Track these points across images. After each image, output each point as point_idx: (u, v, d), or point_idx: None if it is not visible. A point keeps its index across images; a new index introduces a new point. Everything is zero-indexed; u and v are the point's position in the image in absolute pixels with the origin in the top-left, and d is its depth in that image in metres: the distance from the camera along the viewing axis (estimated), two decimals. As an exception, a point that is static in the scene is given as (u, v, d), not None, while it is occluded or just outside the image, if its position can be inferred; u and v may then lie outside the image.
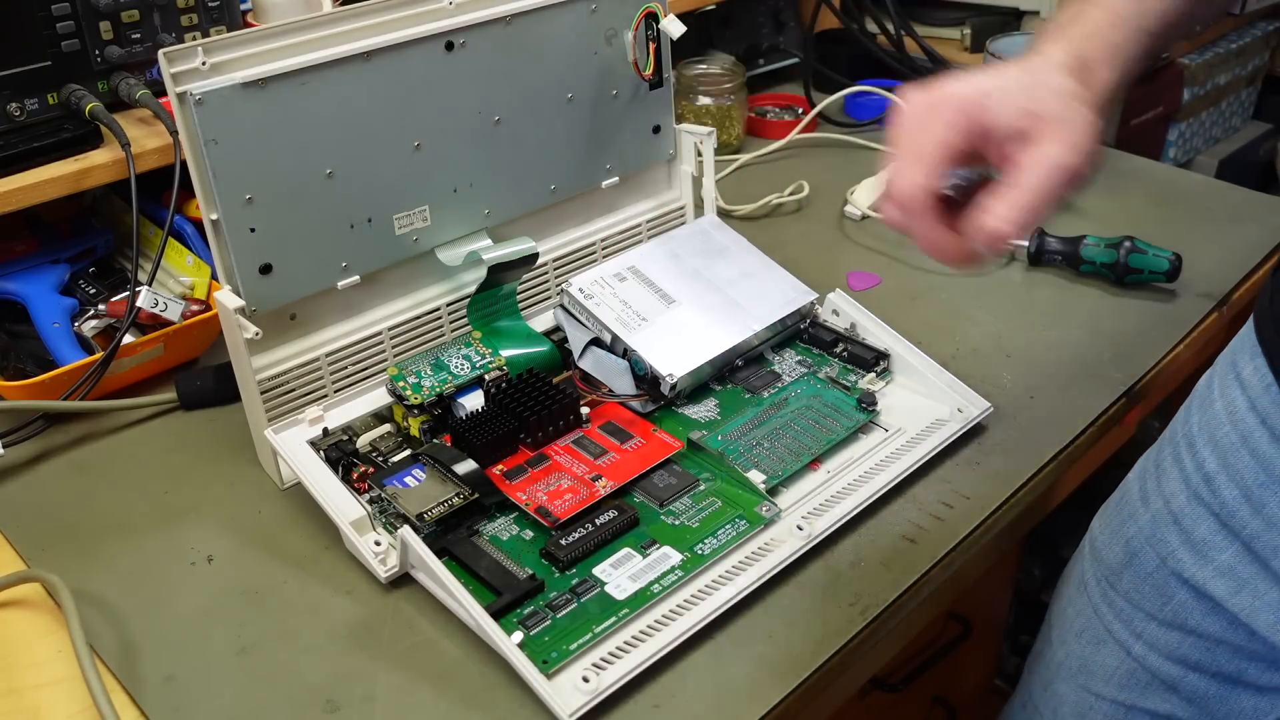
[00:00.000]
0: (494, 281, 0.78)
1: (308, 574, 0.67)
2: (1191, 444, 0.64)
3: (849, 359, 0.81)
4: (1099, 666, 0.69)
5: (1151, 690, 0.67)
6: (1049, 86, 0.52)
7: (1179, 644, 0.65)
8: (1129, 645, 0.68)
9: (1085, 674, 0.71)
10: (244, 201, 0.67)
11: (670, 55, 0.85)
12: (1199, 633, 0.64)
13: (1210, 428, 0.63)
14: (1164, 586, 0.65)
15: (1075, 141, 0.51)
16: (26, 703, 0.60)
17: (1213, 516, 0.62)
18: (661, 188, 0.91)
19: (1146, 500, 0.67)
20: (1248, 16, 1.59)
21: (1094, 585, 0.71)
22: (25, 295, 0.84)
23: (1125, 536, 0.68)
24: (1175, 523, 0.65)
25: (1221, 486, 0.62)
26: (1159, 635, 0.66)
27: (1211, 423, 0.63)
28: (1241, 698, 0.65)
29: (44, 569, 0.66)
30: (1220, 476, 0.62)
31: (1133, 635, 0.67)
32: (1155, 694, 0.67)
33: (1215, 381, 0.65)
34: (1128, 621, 0.68)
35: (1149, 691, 0.67)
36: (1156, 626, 0.66)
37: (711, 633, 0.62)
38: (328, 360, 0.74)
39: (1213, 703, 0.65)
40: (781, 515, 0.68)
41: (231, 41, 0.65)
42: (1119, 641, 0.68)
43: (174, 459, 0.77)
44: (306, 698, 0.59)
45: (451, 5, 0.73)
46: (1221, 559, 0.62)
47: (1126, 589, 0.67)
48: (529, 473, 0.70)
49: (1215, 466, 0.62)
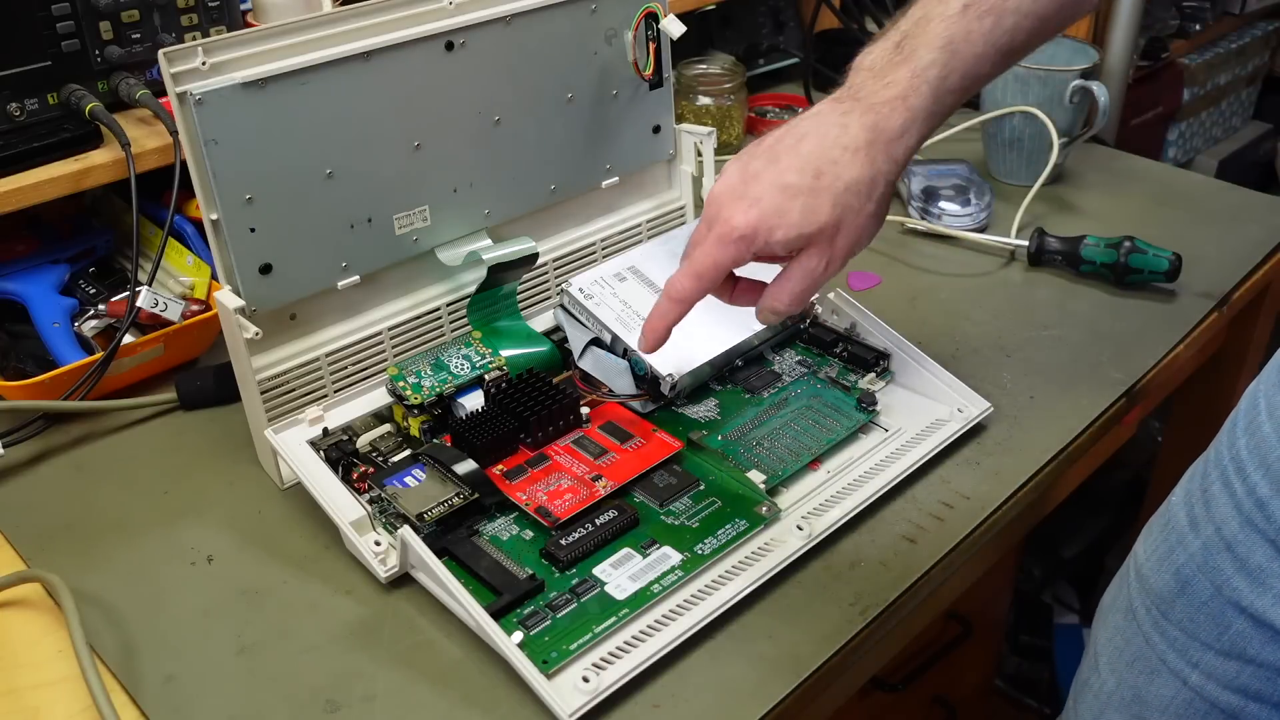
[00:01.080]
0: (494, 281, 0.78)
1: (308, 574, 0.67)
2: (1241, 468, 0.62)
3: (849, 359, 0.81)
4: (1154, 697, 0.67)
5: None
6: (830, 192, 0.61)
7: (1238, 673, 0.63)
8: (1185, 675, 0.65)
9: (1139, 704, 0.68)
10: (244, 201, 0.67)
11: (670, 55, 0.85)
12: (1259, 662, 0.62)
13: (1261, 451, 0.61)
14: (1220, 615, 0.63)
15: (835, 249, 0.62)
16: (26, 703, 0.60)
17: (1268, 543, 0.60)
18: (661, 188, 0.91)
19: (1196, 527, 0.65)
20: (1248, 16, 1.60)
21: (1144, 614, 0.68)
22: (25, 295, 0.84)
23: (1175, 565, 0.66)
24: (1228, 549, 0.62)
25: (1276, 511, 0.59)
26: (1216, 665, 0.64)
27: (1262, 446, 0.61)
28: None
29: (44, 569, 0.66)
30: (1274, 501, 0.60)
31: (1189, 665, 0.65)
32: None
33: (1262, 402, 0.63)
34: (1183, 651, 0.65)
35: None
36: (1214, 656, 0.64)
37: (711, 633, 0.62)
38: (328, 360, 0.74)
39: None
40: (781, 515, 0.68)
41: (231, 41, 0.65)
42: (1174, 671, 0.66)
43: (174, 459, 0.77)
44: (306, 698, 0.59)
45: (451, 5, 0.73)
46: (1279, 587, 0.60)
47: (1180, 618, 0.65)
48: (529, 473, 0.70)
49: (1268, 491, 0.60)
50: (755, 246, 0.62)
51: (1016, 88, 1.05)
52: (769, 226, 0.61)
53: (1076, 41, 1.11)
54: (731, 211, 0.62)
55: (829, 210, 0.61)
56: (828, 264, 0.62)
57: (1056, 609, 1.65)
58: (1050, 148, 1.03)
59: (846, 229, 0.62)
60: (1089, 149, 1.15)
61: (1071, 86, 1.03)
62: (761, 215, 0.61)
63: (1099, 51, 1.08)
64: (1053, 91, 1.04)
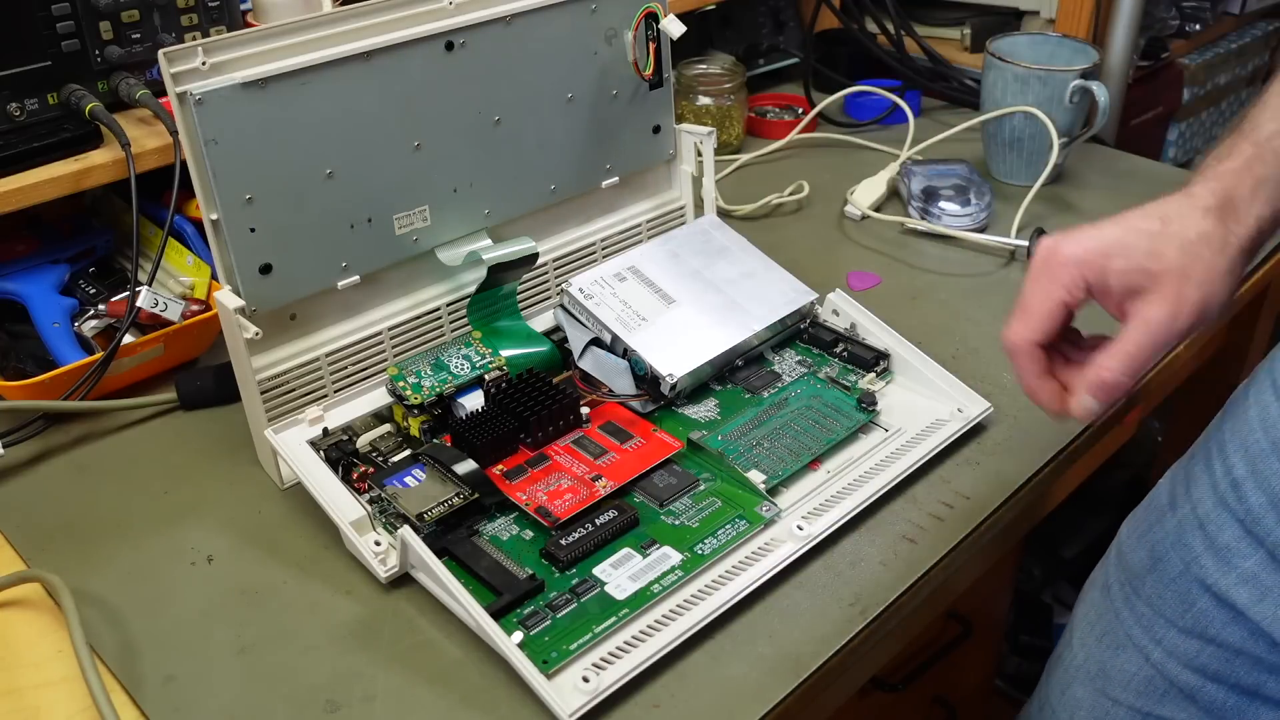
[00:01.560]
0: (494, 281, 0.78)
1: (308, 574, 0.67)
2: (1222, 450, 0.64)
3: (849, 359, 0.81)
4: (1117, 671, 0.69)
5: (1169, 699, 0.66)
6: (1179, 238, 0.55)
7: (1198, 653, 0.64)
8: (1148, 651, 0.67)
9: (1103, 679, 0.70)
10: (244, 201, 0.67)
11: (670, 55, 0.85)
12: (1218, 642, 0.63)
13: (1241, 434, 0.63)
14: (1186, 593, 0.65)
15: (1182, 298, 0.54)
16: (26, 703, 0.60)
17: (1238, 523, 0.62)
18: (661, 188, 0.91)
19: (1175, 505, 0.67)
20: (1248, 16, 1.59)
21: (1117, 589, 0.70)
22: (25, 295, 0.84)
23: (1151, 541, 0.68)
24: (1200, 528, 0.64)
25: (1249, 493, 0.61)
26: (1179, 643, 0.65)
27: (1243, 429, 0.63)
28: (1260, 711, 0.63)
29: (44, 569, 0.66)
30: (1248, 483, 0.61)
31: (1153, 641, 0.67)
32: (1172, 703, 0.66)
33: (1250, 391, 0.64)
34: (1148, 627, 0.67)
35: (1166, 700, 0.67)
36: (1177, 634, 0.65)
37: (711, 633, 0.62)
38: (328, 360, 0.74)
39: (1229, 715, 0.64)
40: (781, 515, 0.68)
41: (231, 41, 0.65)
42: (1138, 647, 0.68)
43: (174, 459, 0.77)
44: (306, 698, 0.59)
45: (451, 5, 0.73)
46: (1245, 566, 0.61)
47: (1149, 594, 0.67)
48: (529, 473, 0.70)
49: (1244, 472, 0.62)
50: (1089, 277, 0.56)
51: (1016, 88, 1.05)
52: (1106, 254, 0.56)
53: (1076, 41, 1.11)
54: (1065, 243, 0.57)
55: (1176, 254, 0.55)
56: (1173, 315, 0.55)
57: (1056, 609, 1.65)
58: (1050, 148, 1.03)
59: (1197, 278, 0.55)
60: (1089, 149, 1.15)
61: (1071, 86, 1.03)
62: (1100, 243, 0.56)
63: (1099, 51, 1.08)
64: (1053, 91, 1.04)
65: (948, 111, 1.25)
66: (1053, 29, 1.23)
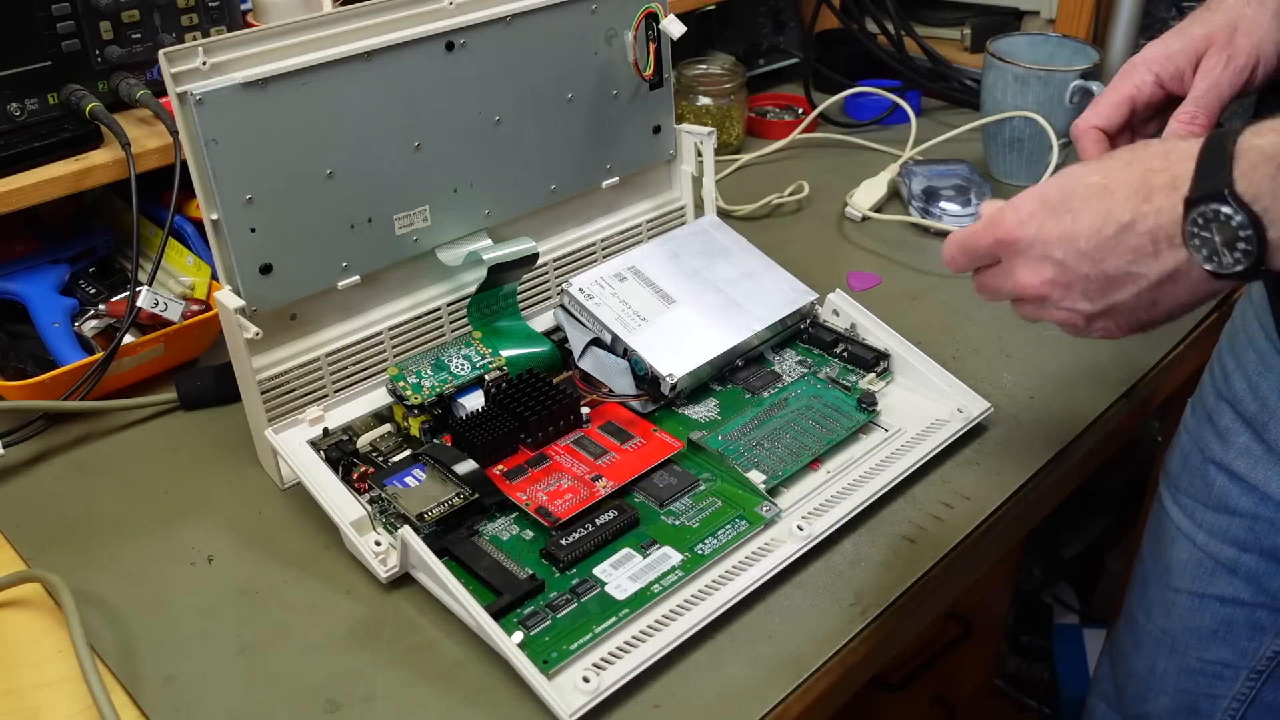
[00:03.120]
0: (494, 281, 0.78)
1: (308, 574, 0.67)
2: (1219, 354, 0.76)
3: (849, 359, 0.81)
4: (1175, 562, 0.77)
5: (1217, 576, 0.74)
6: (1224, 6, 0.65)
7: (1227, 526, 0.72)
8: (1193, 536, 0.75)
9: (1166, 573, 0.78)
10: (244, 201, 0.67)
11: (670, 55, 0.85)
12: (1238, 511, 0.72)
13: (1230, 336, 0.74)
14: (1206, 475, 0.73)
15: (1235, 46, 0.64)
16: (26, 703, 0.60)
17: (1230, 407, 0.72)
18: (661, 188, 0.91)
19: (1194, 411, 0.77)
20: (1248, 17, 1.59)
21: (1165, 494, 0.79)
22: (25, 295, 0.84)
23: (1180, 445, 0.78)
24: (1208, 419, 0.74)
25: (1235, 380, 0.72)
26: (1212, 521, 0.74)
27: (1230, 332, 0.75)
28: None
29: (44, 569, 0.66)
30: (1235, 374, 0.72)
31: (1195, 525, 0.75)
32: (1220, 580, 0.74)
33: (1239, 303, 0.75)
34: (1190, 514, 0.75)
35: (1215, 578, 0.74)
36: (1209, 512, 0.74)
37: (711, 633, 0.62)
38: (328, 360, 0.74)
39: (1264, 580, 0.72)
40: (781, 515, 0.68)
41: (231, 41, 0.65)
42: (1186, 535, 0.76)
43: (174, 459, 0.77)
44: (306, 698, 0.59)
45: (451, 5, 0.73)
46: (1239, 441, 0.71)
47: (1185, 487, 0.76)
48: (529, 473, 0.70)
49: (1231, 365, 0.72)
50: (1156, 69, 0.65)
51: (1016, 88, 1.05)
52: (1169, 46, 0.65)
53: (1076, 42, 1.11)
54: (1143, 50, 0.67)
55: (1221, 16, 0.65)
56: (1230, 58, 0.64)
57: (1056, 609, 1.65)
58: (1050, 148, 1.03)
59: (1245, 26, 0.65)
60: (1089, 149, 1.15)
61: (1071, 87, 1.03)
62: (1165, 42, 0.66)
63: (1099, 51, 1.08)
64: (1053, 92, 1.04)
65: (948, 112, 1.25)
66: (1053, 29, 1.23)
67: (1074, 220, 0.53)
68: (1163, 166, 0.51)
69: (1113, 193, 0.52)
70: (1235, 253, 0.48)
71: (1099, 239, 0.52)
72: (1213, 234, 0.48)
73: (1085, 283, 0.54)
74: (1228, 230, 0.48)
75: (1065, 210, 0.54)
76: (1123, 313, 0.54)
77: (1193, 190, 0.49)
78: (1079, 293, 0.54)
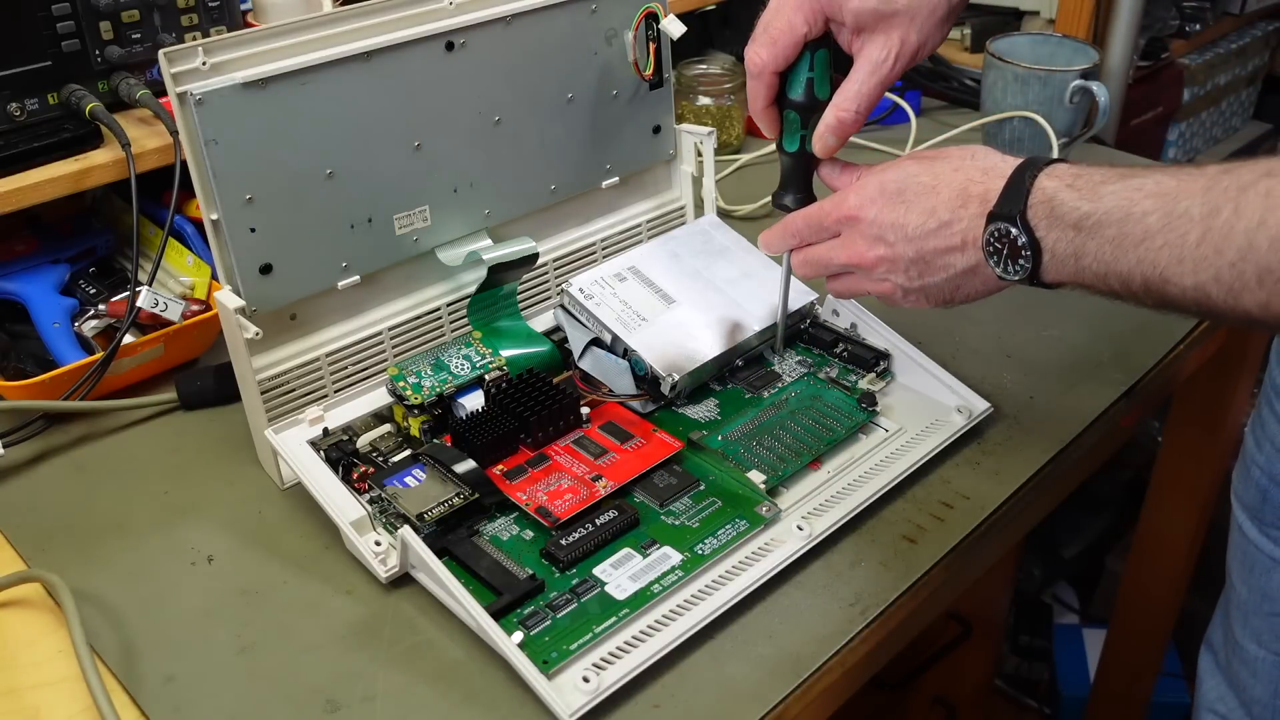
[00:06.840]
0: (494, 281, 0.78)
1: (308, 574, 0.67)
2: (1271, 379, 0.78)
3: (849, 359, 0.81)
4: (1276, 591, 0.80)
5: None
6: None
7: None
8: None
9: (1268, 601, 0.81)
10: (244, 201, 0.67)
11: (670, 55, 0.85)
12: None
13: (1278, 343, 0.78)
14: None
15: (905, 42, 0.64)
16: (26, 703, 0.60)
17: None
18: (661, 188, 0.91)
19: (1260, 446, 0.80)
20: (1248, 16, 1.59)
21: (1247, 526, 0.82)
22: (25, 295, 0.84)
23: (1254, 480, 0.80)
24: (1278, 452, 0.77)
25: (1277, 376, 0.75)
26: None
27: None
28: None
29: (44, 569, 0.66)
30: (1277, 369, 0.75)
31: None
32: None
33: None
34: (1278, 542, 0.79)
35: None
36: None
37: (711, 633, 0.62)
38: (328, 360, 0.74)
39: None
40: (781, 515, 0.68)
41: (231, 41, 0.65)
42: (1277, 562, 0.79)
43: (174, 459, 0.77)
44: (306, 698, 0.59)
45: (451, 5, 0.73)
46: None
47: (1271, 519, 0.78)
48: (529, 473, 0.70)
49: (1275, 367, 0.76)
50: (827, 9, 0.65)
51: (1016, 88, 1.05)
52: None
53: (1076, 42, 1.11)
54: None
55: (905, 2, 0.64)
56: (894, 57, 0.65)
57: (1056, 609, 1.65)
58: (1051, 148, 1.03)
59: (918, 22, 0.65)
60: (1089, 149, 1.15)
61: (1071, 87, 1.03)
62: None
63: (1099, 52, 1.08)
64: (1053, 92, 1.04)
65: (948, 111, 1.25)
66: (1053, 29, 1.23)
67: (906, 211, 0.62)
68: (981, 179, 0.60)
69: (939, 193, 0.61)
70: (1017, 265, 0.58)
71: (923, 230, 0.61)
72: (1004, 247, 0.58)
73: (907, 263, 0.62)
74: (1014, 247, 0.57)
75: (900, 201, 0.62)
76: (932, 291, 0.63)
77: (996, 207, 0.58)
78: (901, 270, 0.63)
